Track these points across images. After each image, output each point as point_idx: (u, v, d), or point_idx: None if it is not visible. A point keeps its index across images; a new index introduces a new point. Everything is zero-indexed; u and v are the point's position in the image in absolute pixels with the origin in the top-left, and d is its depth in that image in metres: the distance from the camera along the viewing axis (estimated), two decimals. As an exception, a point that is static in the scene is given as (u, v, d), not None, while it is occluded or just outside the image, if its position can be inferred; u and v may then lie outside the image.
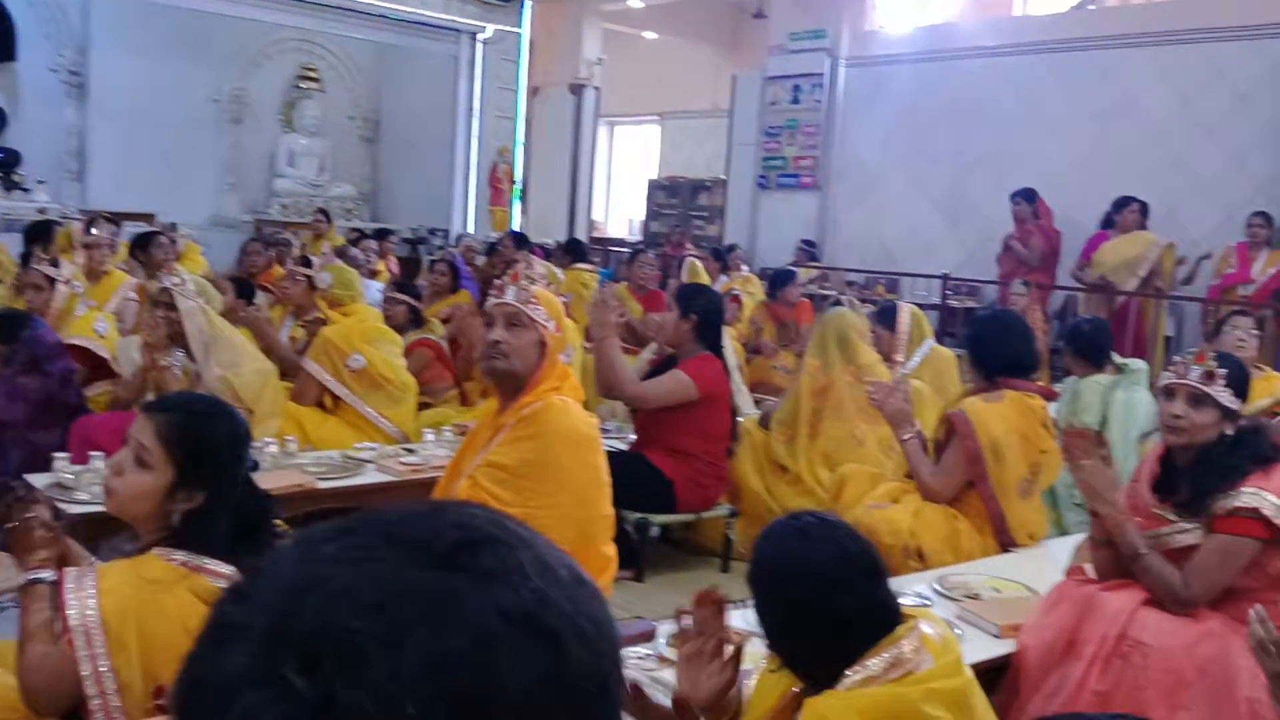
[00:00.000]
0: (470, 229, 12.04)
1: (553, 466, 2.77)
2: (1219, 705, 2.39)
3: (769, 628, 1.77)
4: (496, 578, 0.57)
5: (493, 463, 2.81)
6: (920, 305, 7.82)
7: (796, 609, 1.70)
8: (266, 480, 2.86)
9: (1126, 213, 7.92)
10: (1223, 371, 2.58)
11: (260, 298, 5.53)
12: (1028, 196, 8.66)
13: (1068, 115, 9.38)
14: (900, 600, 2.73)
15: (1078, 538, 3.33)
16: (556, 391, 2.87)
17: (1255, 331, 4.30)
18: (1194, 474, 2.60)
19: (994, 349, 3.62)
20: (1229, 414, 2.59)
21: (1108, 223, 8.05)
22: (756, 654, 1.91)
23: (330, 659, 0.52)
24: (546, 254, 9.06)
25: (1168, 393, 2.66)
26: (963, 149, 10.08)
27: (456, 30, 11.90)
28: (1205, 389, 2.58)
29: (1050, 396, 3.88)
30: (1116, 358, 4.58)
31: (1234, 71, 8.47)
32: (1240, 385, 2.61)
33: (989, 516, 3.50)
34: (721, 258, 9.33)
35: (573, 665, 0.56)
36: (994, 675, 2.63)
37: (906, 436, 3.62)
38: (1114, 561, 2.69)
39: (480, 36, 12.07)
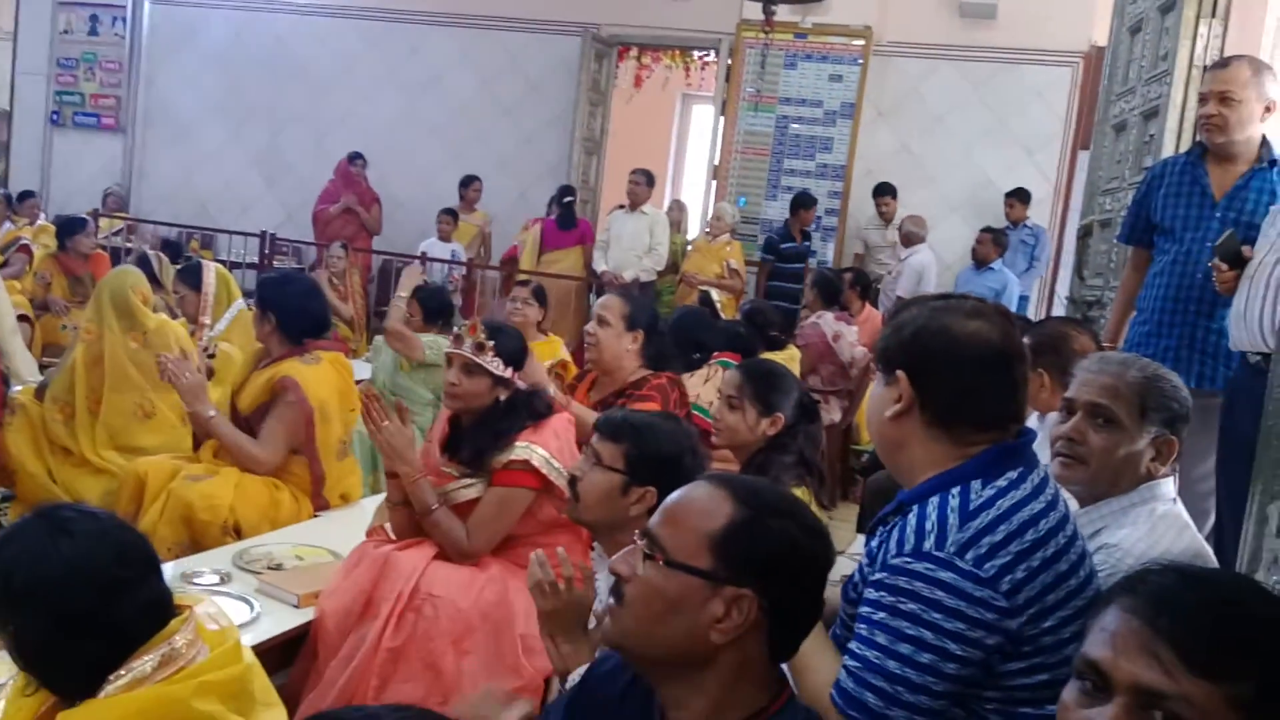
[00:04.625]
0: None
1: None
2: (499, 644, 2.62)
3: (24, 647, 1.51)
4: None
5: None
6: (237, 265, 7.60)
7: (67, 621, 1.47)
8: None
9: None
10: (492, 343, 2.81)
11: None
12: (363, 160, 8.83)
13: (380, 83, 9.65)
14: (198, 579, 2.64)
15: (381, 497, 3.44)
16: None
17: (531, 301, 4.82)
18: (474, 434, 2.81)
19: (296, 310, 3.56)
20: (501, 381, 2.83)
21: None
22: None
23: None
24: None
25: (447, 361, 2.85)
26: (279, 105, 9.90)
27: None
28: (476, 359, 2.79)
29: (349, 354, 3.97)
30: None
31: (526, 61, 9.34)
32: (512, 354, 2.86)
33: (311, 480, 3.46)
34: (11, 204, 8.17)
35: None
36: (296, 645, 2.62)
37: (211, 414, 3.38)
38: (410, 519, 2.82)
39: None
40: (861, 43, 8.07)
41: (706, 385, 3.77)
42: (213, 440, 3.47)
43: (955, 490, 1.53)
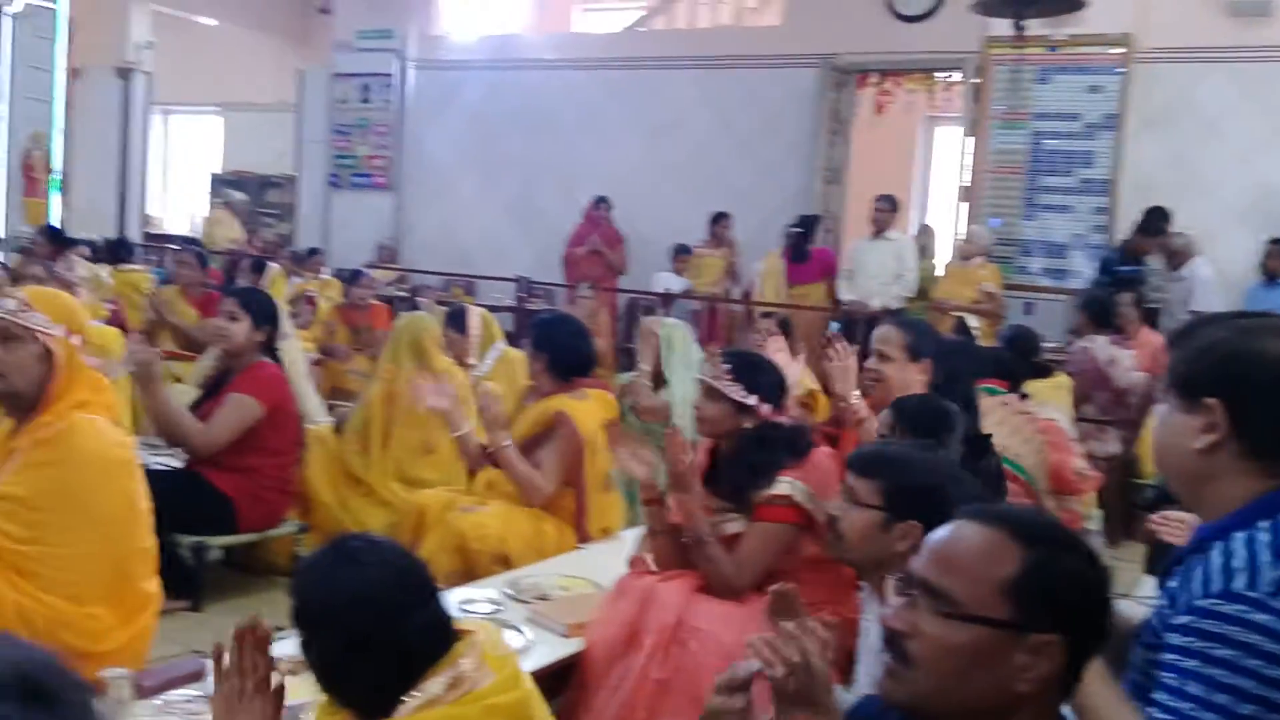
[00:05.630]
0: (0, 222, 10.57)
1: (77, 497, 2.44)
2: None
3: (322, 667, 1.62)
4: None
5: (2, 494, 2.42)
6: (496, 308, 7.97)
7: (357, 643, 1.57)
8: None
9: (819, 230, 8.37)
10: (726, 367, 2.81)
11: None
12: (607, 203, 9.13)
13: (623, 129, 9.94)
14: (473, 607, 2.75)
15: (641, 529, 3.49)
16: (84, 407, 2.52)
17: (775, 332, 4.79)
18: (730, 467, 2.81)
19: (569, 350, 3.71)
20: (744, 408, 2.81)
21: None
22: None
23: None
24: (94, 252, 8.19)
25: (698, 386, 2.91)
26: (530, 156, 10.37)
27: (-20, 2, 10.36)
28: (713, 383, 2.80)
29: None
30: None
31: (764, 95, 9.38)
32: (758, 383, 2.83)
33: (575, 512, 3.58)
34: (302, 261, 8.99)
35: None
36: (565, 675, 2.68)
37: (505, 443, 3.55)
38: (670, 550, 2.83)
39: (9, 10, 10.59)
40: (1121, 51, 7.61)
41: (980, 417, 3.58)
42: (485, 473, 3.65)
43: (1265, 525, 1.40)
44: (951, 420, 2.59)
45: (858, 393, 3.22)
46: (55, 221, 10.53)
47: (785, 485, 2.70)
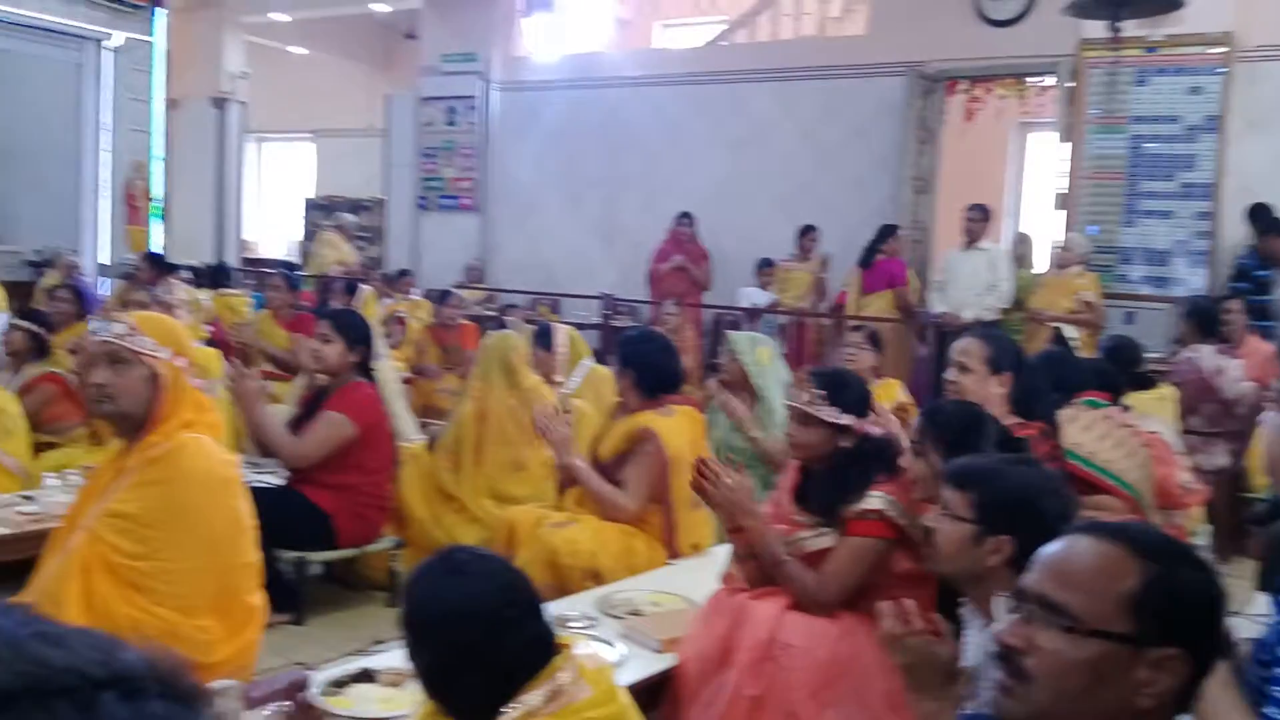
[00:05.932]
0: (105, 249, 11.01)
1: (186, 514, 2.52)
2: (861, 698, 2.55)
3: (428, 675, 1.66)
4: None
5: (115, 512, 2.51)
6: (582, 325, 8.03)
7: (461, 653, 1.60)
8: None
9: (892, 241, 8.27)
10: (821, 392, 2.79)
11: None
12: (691, 219, 9.13)
13: (705, 143, 9.93)
14: (569, 622, 2.76)
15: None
16: (190, 427, 2.60)
17: (866, 346, 4.70)
18: (822, 483, 2.79)
19: (656, 366, 3.73)
20: (840, 428, 2.79)
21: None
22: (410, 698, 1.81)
23: None
24: (195, 277, 8.47)
25: (788, 412, 2.88)
26: (613, 173, 10.42)
27: (80, 37, 10.81)
28: (807, 409, 2.78)
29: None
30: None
31: (848, 105, 9.30)
32: (847, 400, 2.81)
33: (664, 529, 3.58)
34: (392, 282, 9.18)
35: None
36: (658, 690, 2.68)
37: (579, 464, 3.59)
38: (759, 571, 2.82)
39: (108, 44, 11.04)
40: (1222, 50, 7.36)
41: (1083, 431, 3.48)
42: (574, 490, 3.67)
43: None
44: (984, 426, 2.54)
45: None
46: (157, 248, 10.92)
47: (877, 500, 2.67)
